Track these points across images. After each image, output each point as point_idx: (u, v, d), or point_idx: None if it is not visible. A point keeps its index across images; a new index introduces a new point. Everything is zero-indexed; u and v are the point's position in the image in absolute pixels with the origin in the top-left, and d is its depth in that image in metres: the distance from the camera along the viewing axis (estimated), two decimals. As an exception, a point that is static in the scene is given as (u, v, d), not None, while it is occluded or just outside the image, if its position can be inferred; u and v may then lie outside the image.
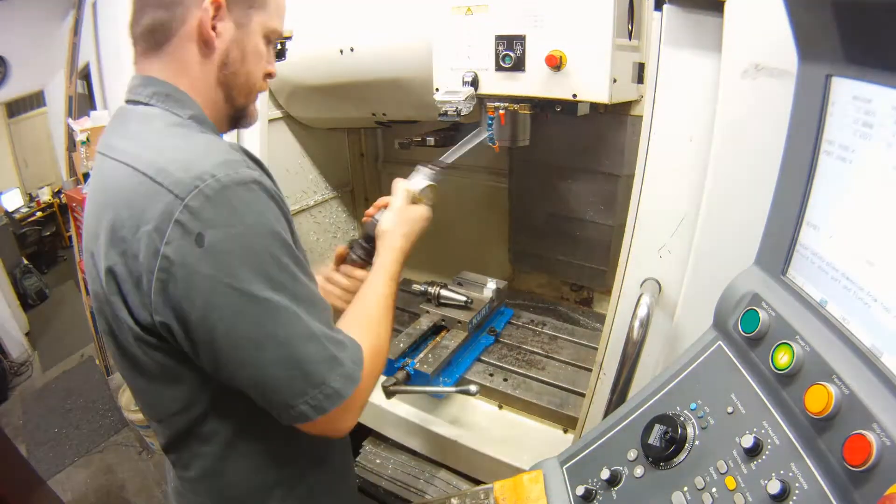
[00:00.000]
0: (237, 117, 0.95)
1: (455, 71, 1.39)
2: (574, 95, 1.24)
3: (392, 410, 1.68)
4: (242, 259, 0.70)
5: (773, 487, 0.60)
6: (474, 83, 1.36)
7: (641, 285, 1.20)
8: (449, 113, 1.35)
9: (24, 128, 6.46)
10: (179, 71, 0.84)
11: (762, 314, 0.73)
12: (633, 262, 1.23)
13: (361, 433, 1.87)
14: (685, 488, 0.71)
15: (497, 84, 1.34)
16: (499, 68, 1.31)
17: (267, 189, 0.75)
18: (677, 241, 1.15)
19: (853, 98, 0.62)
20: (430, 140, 1.69)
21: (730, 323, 0.80)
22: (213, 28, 0.83)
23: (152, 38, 0.83)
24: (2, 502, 2.09)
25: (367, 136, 2.67)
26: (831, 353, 0.62)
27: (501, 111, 1.39)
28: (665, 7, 1.08)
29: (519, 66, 1.28)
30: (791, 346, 0.66)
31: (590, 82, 1.21)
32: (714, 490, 0.67)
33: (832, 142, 0.67)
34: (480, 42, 1.32)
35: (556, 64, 1.21)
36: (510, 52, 1.28)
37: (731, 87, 0.98)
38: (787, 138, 0.74)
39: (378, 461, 1.80)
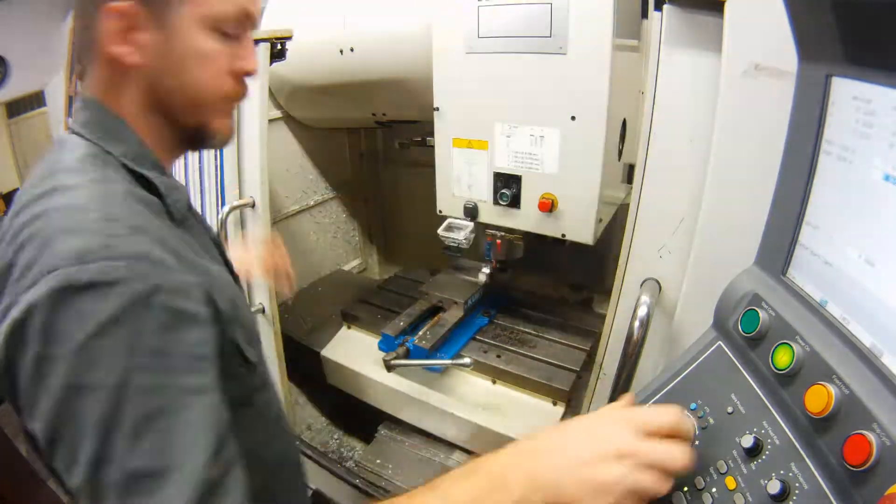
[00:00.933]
0: (196, 139, 0.77)
1: (457, 198, 1.54)
2: (563, 235, 1.40)
3: (393, 387, 1.76)
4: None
5: (773, 487, 0.60)
6: (474, 211, 1.51)
7: (641, 285, 1.20)
8: (452, 248, 1.53)
9: (23, 128, 6.46)
10: (108, 95, 0.69)
11: (762, 314, 0.73)
12: (633, 261, 1.23)
13: (377, 419, 1.94)
14: (685, 488, 0.71)
15: (495, 216, 1.50)
16: (496, 203, 1.45)
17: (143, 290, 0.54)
18: (677, 241, 1.15)
19: (853, 98, 0.62)
20: (430, 140, 1.70)
21: (730, 323, 0.79)
22: (126, 41, 0.65)
23: (80, 56, 0.70)
24: (2, 502, 2.09)
25: (367, 137, 2.67)
26: (831, 353, 0.62)
27: (498, 240, 1.57)
28: (665, 7, 1.08)
29: (515, 203, 1.43)
30: (791, 346, 0.66)
31: (577, 225, 1.38)
32: (714, 490, 0.67)
33: (832, 142, 0.67)
34: (480, 175, 1.46)
35: (548, 208, 1.36)
36: (506, 191, 1.42)
37: (731, 87, 0.98)
38: (787, 138, 0.74)
39: (393, 444, 1.88)
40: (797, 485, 0.60)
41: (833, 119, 0.66)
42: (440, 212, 1.58)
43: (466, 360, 1.60)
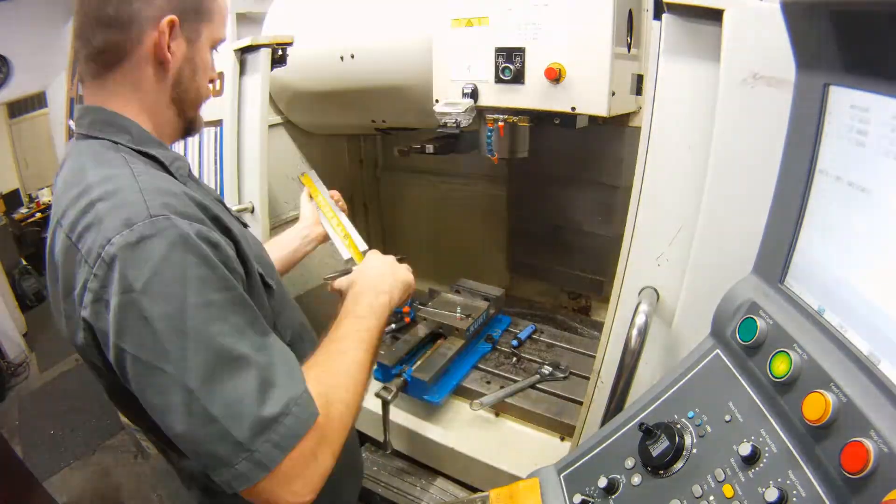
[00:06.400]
0: (189, 129, 0.96)
1: (455, 83, 1.40)
2: (573, 108, 1.25)
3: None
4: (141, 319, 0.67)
5: (771, 495, 0.60)
6: (474, 95, 1.37)
7: (639, 294, 1.20)
8: (448, 125, 1.36)
9: (25, 128, 6.47)
10: (131, 93, 0.83)
11: (760, 322, 0.73)
12: (631, 270, 1.22)
13: (359, 440, 1.85)
14: (683, 497, 0.70)
15: (496, 96, 1.36)
16: (498, 80, 1.33)
17: (179, 234, 0.69)
18: (675, 250, 1.15)
19: (850, 107, 0.62)
20: (430, 147, 1.69)
21: (728, 331, 0.79)
22: (168, 48, 0.82)
23: (102, 59, 0.80)
24: (-4, 505, 2.08)
25: (367, 143, 2.68)
26: (829, 361, 0.62)
27: (501, 123, 1.40)
28: (664, 16, 1.09)
29: (518, 78, 1.30)
30: (789, 354, 0.66)
31: (589, 95, 1.22)
32: (712, 498, 0.67)
33: (830, 150, 0.67)
34: (480, 54, 1.33)
35: (555, 77, 1.22)
36: (510, 65, 1.29)
37: (729, 95, 0.99)
38: (785, 147, 0.75)
39: (375, 468, 1.79)
40: (795, 492, 0.60)
41: (831, 127, 0.66)
42: (437, 101, 1.46)
43: None
